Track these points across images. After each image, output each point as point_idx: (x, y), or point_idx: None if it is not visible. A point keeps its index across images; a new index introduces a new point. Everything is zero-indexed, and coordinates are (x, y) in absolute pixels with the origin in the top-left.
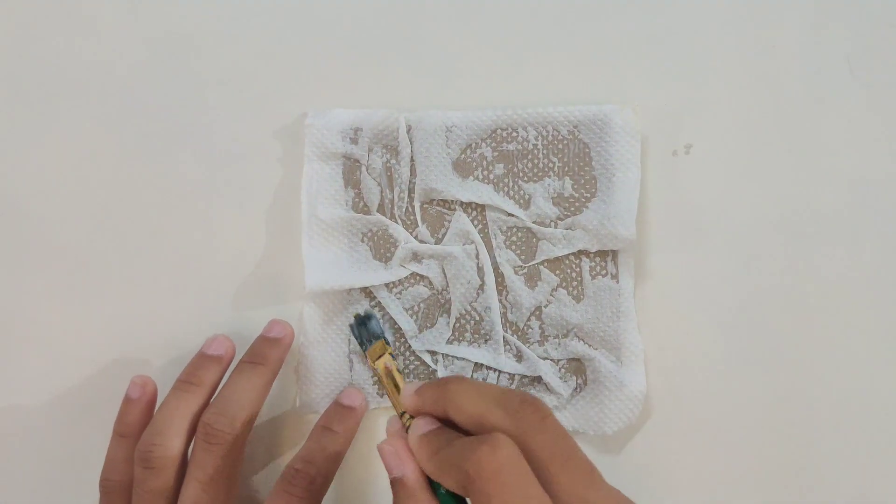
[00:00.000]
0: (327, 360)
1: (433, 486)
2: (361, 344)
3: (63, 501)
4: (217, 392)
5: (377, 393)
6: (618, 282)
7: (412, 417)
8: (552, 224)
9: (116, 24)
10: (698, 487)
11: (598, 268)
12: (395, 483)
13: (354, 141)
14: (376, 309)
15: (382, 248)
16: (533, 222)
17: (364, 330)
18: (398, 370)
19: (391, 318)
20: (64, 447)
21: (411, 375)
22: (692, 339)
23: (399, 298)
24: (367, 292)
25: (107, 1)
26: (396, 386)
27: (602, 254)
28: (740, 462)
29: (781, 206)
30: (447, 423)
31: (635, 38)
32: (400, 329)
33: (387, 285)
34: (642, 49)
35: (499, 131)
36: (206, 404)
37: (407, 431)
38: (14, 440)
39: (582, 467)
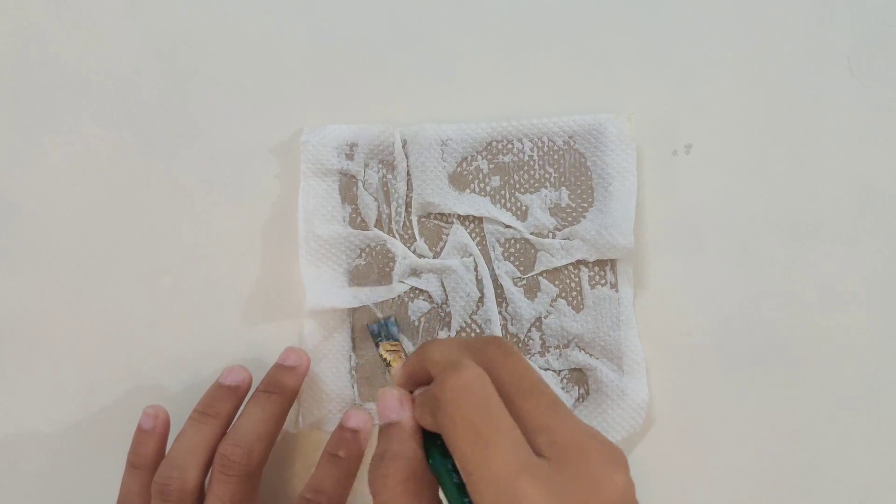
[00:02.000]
0: (329, 377)
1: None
2: (377, 336)
3: None
4: (233, 422)
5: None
6: (617, 291)
7: None
8: (550, 235)
9: (115, 37)
10: (702, 494)
11: (597, 277)
12: (391, 427)
13: (350, 157)
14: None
15: (381, 264)
16: (531, 233)
17: (385, 330)
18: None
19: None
20: (64, 462)
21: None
22: (693, 346)
23: (399, 314)
24: (366, 309)
25: (106, 9)
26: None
27: (601, 263)
28: (744, 468)
29: (781, 206)
30: None
31: (635, 39)
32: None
33: (386, 301)
34: (642, 50)
35: (494, 143)
36: (222, 434)
37: None
38: (17, 462)
39: (545, 398)
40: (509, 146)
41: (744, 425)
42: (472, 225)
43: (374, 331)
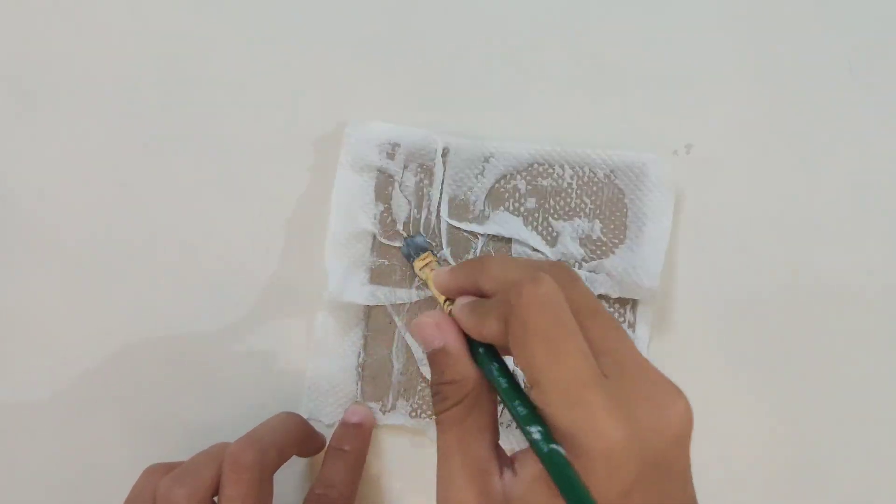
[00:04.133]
0: (335, 371)
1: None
2: (409, 257)
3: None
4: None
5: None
6: (634, 331)
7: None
8: (576, 265)
9: (124, 28)
10: (706, 495)
11: (616, 314)
12: (437, 354)
13: (391, 156)
14: (391, 325)
15: (404, 267)
16: (557, 260)
17: (413, 247)
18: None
19: (404, 339)
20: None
21: (416, 397)
22: (692, 347)
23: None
24: (383, 309)
25: (121, 3)
26: (430, 284)
27: (622, 301)
28: (747, 472)
29: (781, 206)
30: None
31: (635, 40)
32: (411, 350)
33: (404, 304)
34: (642, 50)
35: (535, 165)
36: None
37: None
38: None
39: (612, 322)
40: (550, 170)
41: (746, 430)
42: (500, 242)
43: (406, 254)
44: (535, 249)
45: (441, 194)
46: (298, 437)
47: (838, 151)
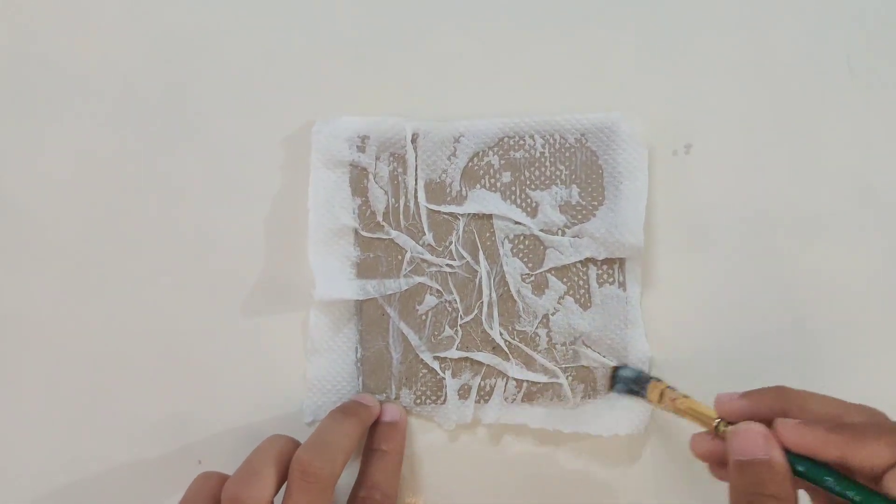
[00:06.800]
0: (335, 368)
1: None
2: (633, 392)
3: None
4: (312, 435)
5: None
6: (625, 290)
7: (727, 426)
8: (559, 232)
9: (118, 28)
10: (707, 493)
11: (605, 275)
12: (758, 465)
13: (362, 149)
14: (384, 317)
15: (389, 257)
16: (540, 230)
17: (628, 380)
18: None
19: (398, 328)
20: (60, 458)
21: (419, 384)
22: (695, 345)
23: (406, 308)
24: (374, 301)
25: (107, 4)
26: (693, 408)
27: (609, 262)
28: None
29: (781, 206)
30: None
31: (635, 39)
32: (407, 338)
33: (394, 294)
34: (642, 49)
35: (506, 139)
36: (295, 446)
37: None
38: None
39: None
40: (521, 142)
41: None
42: (481, 220)
43: (620, 386)
44: (516, 223)
45: (416, 180)
46: (359, 442)
47: (838, 151)
